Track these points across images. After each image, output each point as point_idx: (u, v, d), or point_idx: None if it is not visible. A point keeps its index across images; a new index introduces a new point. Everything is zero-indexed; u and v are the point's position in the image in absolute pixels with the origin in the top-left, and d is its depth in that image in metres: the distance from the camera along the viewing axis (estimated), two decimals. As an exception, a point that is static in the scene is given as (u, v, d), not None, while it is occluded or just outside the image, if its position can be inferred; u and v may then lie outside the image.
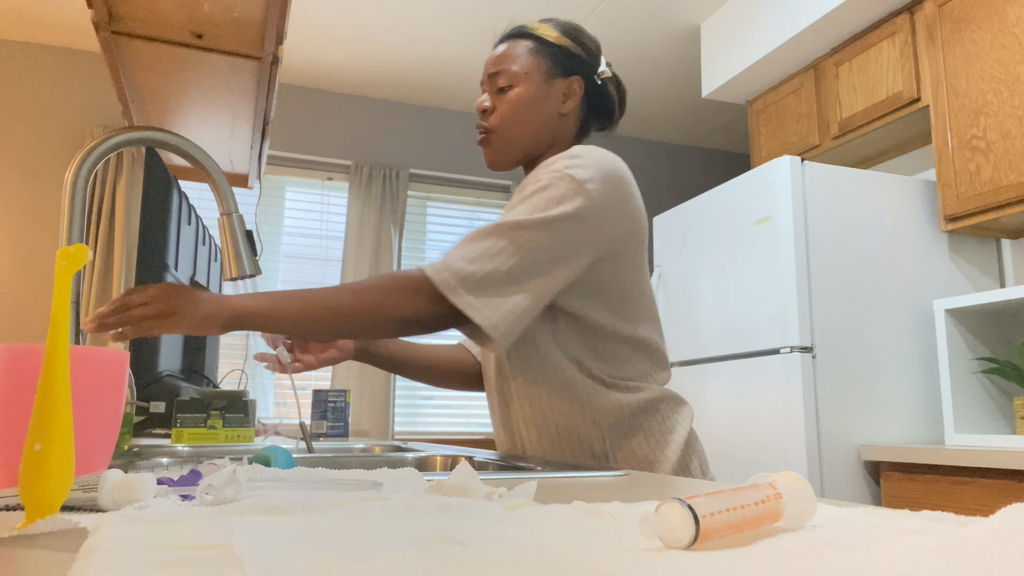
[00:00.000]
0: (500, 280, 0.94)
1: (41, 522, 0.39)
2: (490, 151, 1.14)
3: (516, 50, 1.13)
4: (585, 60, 1.14)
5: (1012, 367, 2.10)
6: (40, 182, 3.35)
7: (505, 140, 1.13)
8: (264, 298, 0.92)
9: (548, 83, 1.12)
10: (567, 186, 0.99)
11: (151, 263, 1.53)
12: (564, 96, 1.13)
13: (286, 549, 0.32)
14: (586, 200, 0.99)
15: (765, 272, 2.31)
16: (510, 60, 1.12)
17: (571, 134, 1.16)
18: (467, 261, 0.95)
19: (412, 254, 3.93)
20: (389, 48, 3.47)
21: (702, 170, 4.54)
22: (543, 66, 1.12)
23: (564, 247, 0.97)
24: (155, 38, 1.42)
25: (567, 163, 1.02)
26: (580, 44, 1.14)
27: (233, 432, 1.37)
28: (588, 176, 1.01)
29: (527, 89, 1.11)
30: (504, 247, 0.95)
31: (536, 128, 1.12)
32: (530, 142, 1.13)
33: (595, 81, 1.15)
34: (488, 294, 0.93)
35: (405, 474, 0.59)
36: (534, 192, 1.00)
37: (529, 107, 1.11)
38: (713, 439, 2.48)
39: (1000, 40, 2.11)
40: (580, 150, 1.06)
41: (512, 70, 1.11)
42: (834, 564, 0.31)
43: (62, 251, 0.44)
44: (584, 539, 0.36)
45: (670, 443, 1.06)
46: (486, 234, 0.97)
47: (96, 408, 0.54)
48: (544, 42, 1.12)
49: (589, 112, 1.18)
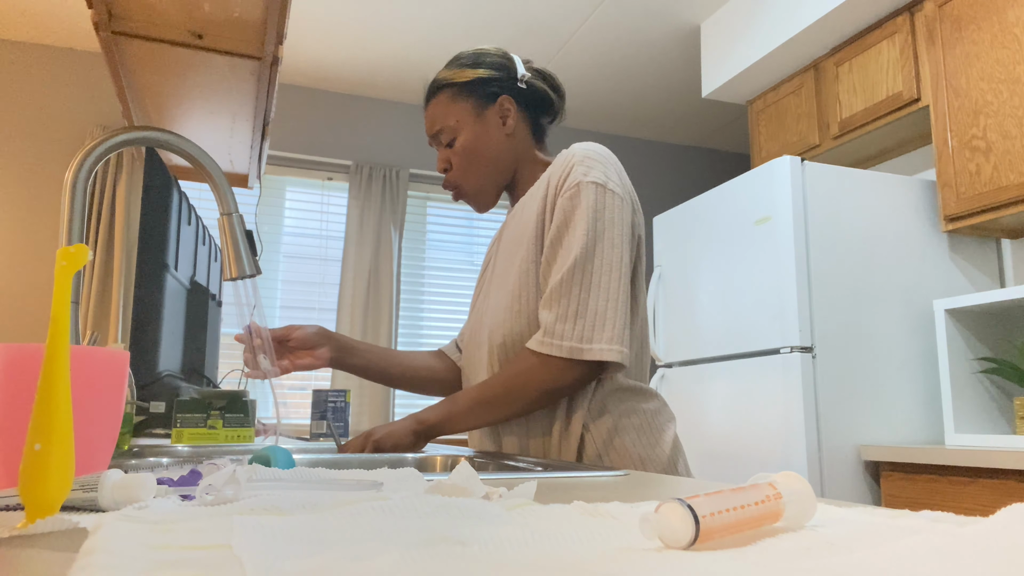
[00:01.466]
0: (600, 311, 1.01)
1: (41, 522, 0.39)
2: (469, 201, 1.21)
3: (441, 106, 1.18)
4: (501, 77, 1.18)
5: (1012, 367, 2.10)
6: (40, 182, 3.35)
7: (475, 187, 1.19)
8: (442, 410, 1.09)
9: (481, 118, 1.16)
10: (594, 194, 1.05)
11: (151, 263, 1.53)
12: (502, 119, 1.17)
13: (286, 549, 0.32)
14: (614, 198, 1.06)
15: (765, 272, 2.31)
16: (441, 117, 1.17)
17: (528, 144, 1.21)
18: (571, 318, 1.01)
19: (412, 254, 3.93)
20: (389, 48, 3.47)
21: (702, 170, 4.54)
22: (469, 105, 1.16)
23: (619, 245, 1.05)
24: (155, 38, 1.42)
25: (581, 170, 1.07)
26: (488, 66, 1.18)
27: (233, 432, 1.37)
28: (605, 176, 1.07)
29: (467, 134, 1.16)
30: (581, 280, 1.02)
31: (494, 161, 1.18)
32: (497, 175, 1.19)
33: (521, 88, 1.19)
34: (604, 332, 1.00)
35: (405, 474, 0.59)
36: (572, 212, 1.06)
37: (478, 148, 1.16)
38: (713, 439, 2.48)
39: (1000, 40, 2.11)
40: (581, 152, 1.09)
41: (447, 124, 1.17)
42: (834, 564, 0.31)
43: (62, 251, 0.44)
44: (584, 539, 0.36)
45: (660, 442, 1.09)
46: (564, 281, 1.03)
47: (96, 408, 0.54)
48: (458, 84, 1.17)
49: (533, 114, 1.22)
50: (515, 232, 1.15)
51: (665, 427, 1.11)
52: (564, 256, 1.04)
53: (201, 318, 1.98)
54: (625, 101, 3.99)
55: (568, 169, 1.08)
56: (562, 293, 1.02)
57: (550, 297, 1.03)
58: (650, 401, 1.12)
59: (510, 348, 1.10)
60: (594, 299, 1.01)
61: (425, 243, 3.97)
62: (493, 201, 1.21)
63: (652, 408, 1.11)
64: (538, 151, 1.22)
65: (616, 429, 1.07)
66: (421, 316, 3.89)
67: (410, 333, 3.85)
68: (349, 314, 3.63)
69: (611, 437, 1.07)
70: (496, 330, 1.11)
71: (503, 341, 1.10)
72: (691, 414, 2.60)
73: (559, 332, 1.01)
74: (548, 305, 1.03)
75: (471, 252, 4.04)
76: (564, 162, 1.10)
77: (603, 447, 1.06)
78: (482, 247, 4.05)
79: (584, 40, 3.39)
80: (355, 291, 3.66)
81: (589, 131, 4.35)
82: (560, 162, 1.11)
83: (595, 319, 1.01)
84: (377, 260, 3.73)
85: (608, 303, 1.01)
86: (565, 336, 1.00)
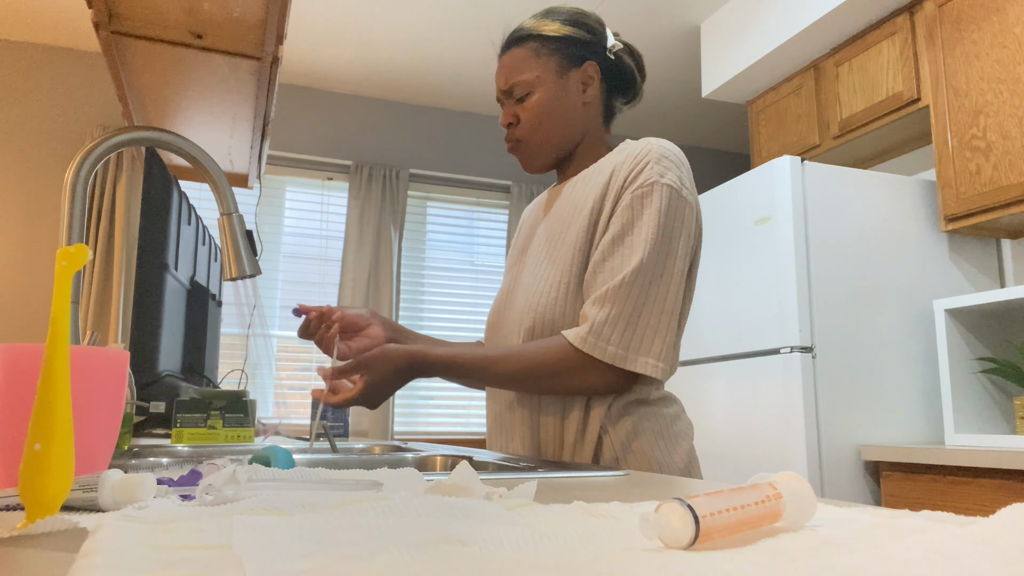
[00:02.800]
0: (652, 323, 0.97)
1: (41, 522, 0.39)
2: (524, 158, 1.13)
3: (522, 56, 1.10)
4: (593, 42, 1.11)
5: (1012, 367, 2.10)
6: (40, 182, 3.35)
7: (537, 145, 1.11)
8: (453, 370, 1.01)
9: (563, 79, 1.09)
10: (668, 199, 1.00)
11: (151, 263, 1.53)
12: (583, 85, 1.11)
13: (286, 549, 0.32)
14: (685, 206, 1.01)
15: (765, 272, 2.31)
16: (519, 69, 1.10)
17: (598, 120, 1.15)
18: (622, 322, 0.96)
19: (412, 254, 3.93)
20: (389, 48, 3.47)
21: (702, 170, 4.54)
22: (553, 63, 1.09)
23: (682, 256, 1.01)
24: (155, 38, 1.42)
25: (658, 170, 1.01)
26: (584, 27, 1.11)
27: (233, 432, 1.37)
28: (680, 181, 1.02)
29: (545, 92, 1.09)
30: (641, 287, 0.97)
31: (565, 126, 1.11)
32: (562, 141, 1.12)
33: (608, 58, 1.12)
34: (652, 345, 0.96)
35: (405, 474, 0.59)
36: (642, 212, 1.00)
37: (552, 109, 1.09)
38: (713, 439, 2.48)
39: (1000, 40, 2.11)
40: (658, 150, 1.04)
41: (525, 78, 1.09)
42: (834, 564, 0.31)
43: (62, 251, 0.44)
44: (584, 539, 0.36)
45: (677, 449, 1.05)
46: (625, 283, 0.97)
47: (96, 408, 0.54)
48: (547, 39, 1.09)
49: (610, 90, 1.15)
50: (564, 214, 1.09)
51: (683, 435, 1.07)
52: (627, 256, 0.98)
53: (201, 318, 1.98)
54: (625, 101, 3.99)
55: (642, 164, 1.02)
56: (619, 295, 0.96)
57: (605, 296, 0.97)
58: (670, 406, 1.08)
59: (538, 334, 1.05)
60: (648, 309, 0.97)
61: (425, 243, 3.97)
62: (547, 166, 1.14)
63: (671, 413, 1.07)
64: (604, 133, 1.16)
65: (635, 432, 1.03)
66: (421, 316, 3.89)
67: (410, 333, 3.85)
68: (349, 314, 3.63)
69: (629, 441, 1.02)
70: (527, 313, 1.07)
71: (532, 325, 1.06)
72: (691, 414, 2.60)
73: (606, 335, 0.96)
74: (601, 303, 0.97)
75: (471, 252, 4.04)
76: (636, 154, 1.04)
77: (621, 451, 1.02)
78: (482, 247, 4.05)
79: (584, 40, 3.39)
80: (355, 291, 3.66)
81: (589, 131, 4.35)
82: (631, 153, 1.05)
83: (646, 330, 0.96)
84: (377, 260, 3.73)
85: (662, 316, 0.97)
86: (612, 341, 0.95)
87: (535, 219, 1.20)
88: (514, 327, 1.10)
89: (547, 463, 0.94)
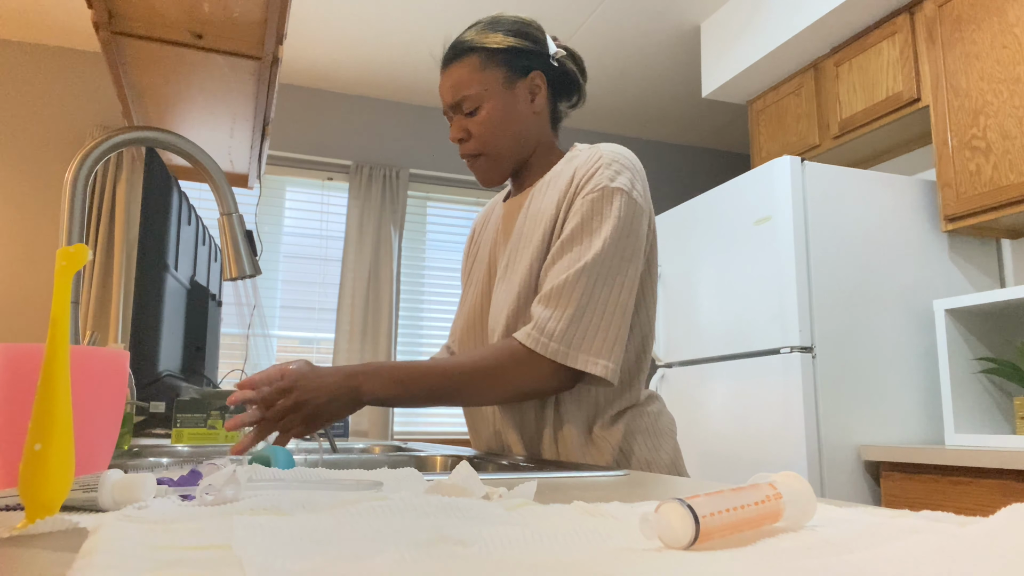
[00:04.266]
0: (596, 322, 0.97)
1: (41, 522, 0.39)
2: (481, 173, 1.13)
3: (467, 70, 1.08)
4: (537, 51, 1.10)
5: (1012, 367, 2.10)
6: (40, 182, 3.35)
7: (493, 159, 1.11)
8: (393, 385, 0.95)
9: (511, 90, 1.09)
10: (618, 202, 1.00)
11: (151, 263, 1.53)
12: (531, 95, 1.10)
13: (286, 549, 0.32)
14: (636, 209, 1.02)
15: (765, 272, 2.31)
16: (466, 83, 1.08)
17: (547, 128, 1.15)
18: (565, 320, 0.96)
19: (412, 254, 3.93)
20: (389, 48, 3.47)
21: (702, 170, 4.54)
22: (500, 75, 1.08)
23: (631, 258, 1.00)
24: (155, 38, 1.42)
25: (608, 174, 1.02)
26: (527, 37, 1.10)
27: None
28: (631, 184, 1.02)
29: (494, 105, 1.08)
30: (585, 286, 0.97)
31: (518, 138, 1.10)
32: (517, 153, 1.12)
33: (553, 66, 1.12)
34: (594, 343, 0.96)
35: (405, 474, 0.59)
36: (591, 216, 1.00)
37: (503, 121, 1.08)
38: (713, 439, 2.48)
39: (1000, 40, 2.11)
40: (609, 155, 1.04)
41: (472, 92, 1.07)
42: (834, 564, 0.31)
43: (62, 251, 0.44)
44: (584, 539, 0.36)
45: (663, 445, 1.07)
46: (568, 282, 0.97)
47: (96, 408, 0.54)
48: (492, 51, 1.08)
49: (556, 96, 1.15)
50: (528, 227, 1.09)
51: (667, 431, 1.09)
52: (574, 257, 0.99)
53: (201, 318, 1.98)
54: (625, 101, 3.99)
55: (593, 169, 1.03)
56: (563, 293, 0.97)
57: (549, 295, 0.98)
58: (653, 403, 1.10)
59: None
60: (592, 309, 0.97)
61: (425, 243, 3.97)
62: (504, 178, 1.14)
63: (654, 410, 1.10)
64: (554, 140, 1.17)
65: (628, 433, 1.05)
66: (421, 316, 3.89)
67: (410, 333, 3.85)
68: (349, 314, 3.63)
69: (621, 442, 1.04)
70: (497, 327, 1.08)
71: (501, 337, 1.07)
72: (691, 414, 2.60)
73: (549, 331, 0.96)
74: (545, 301, 0.98)
75: (471, 252, 4.03)
76: (589, 160, 1.04)
77: (619, 455, 1.04)
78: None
79: (584, 40, 3.39)
80: (355, 291, 3.66)
81: (589, 131, 4.35)
82: (584, 159, 1.06)
83: (588, 329, 0.96)
84: (377, 260, 3.73)
85: (605, 316, 0.97)
86: (555, 337, 0.95)
87: (494, 233, 1.19)
88: (488, 340, 1.11)
89: (547, 463, 0.94)
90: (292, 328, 3.70)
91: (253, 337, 3.58)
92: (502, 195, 1.26)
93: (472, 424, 1.21)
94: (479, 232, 1.27)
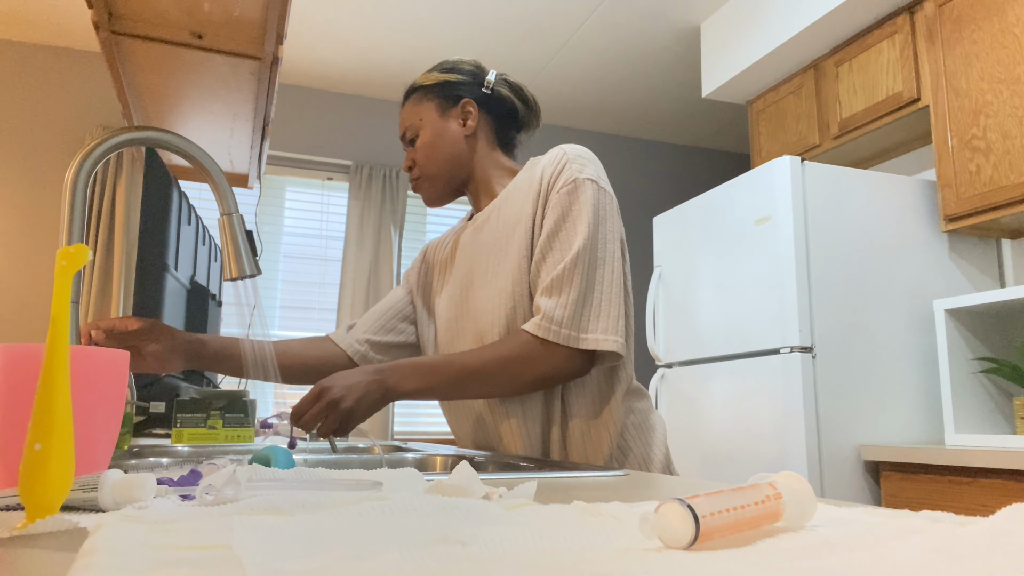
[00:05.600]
0: (599, 302, 1.03)
1: (41, 522, 0.39)
2: (424, 193, 1.24)
3: (411, 106, 1.24)
4: (468, 82, 1.23)
5: (1012, 367, 2.10)
6: (40, 182, 3.35)
7: (430, 179, 1.22)
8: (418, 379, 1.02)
9: (444, 118, 1.22)
10: (591, 191, 1.07)
11: (151, 263, 1.53)
12: (462, 120, 1.22)
13: (286, 549, 0.32)
14: (606, 196, 1.09)
15: (765, 272, 2.31)
16: (408, 117, 1.23)
17: (489, 149, 1.24)
18: (571, 306, 1.02)
19: (412, 254, 3.93)
20: (389, 48, 3.47)
21: (702, 170, 4.54)
22: (433, 106, 1.22)
23: (614, 240, 1.08)
24: (155, 38, 1.42)
25: (576, 167, 1.09)
26: (458, 71, 1.23)
27: (233, 432, 1.37)
28: (597, 175, 1.10)
29: (429, 132, 1.21)
30: (582, 271, 1.03)
31: (451, 158, 1.21)
32: (452, 172, 1.22)
33: (485, 94, 1.23)
34: (600, 322, 1.02)
35: (405, 474, 0.59)
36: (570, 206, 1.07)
37: (436, 145, 1.21)
38: (713, 439, 2.48)
39: (1000, 40, 2.11)
40: (572, 151, 1.12)
41: (412, 123, 1.22)
42: (834, 564, 0.31)
43: (62, 251, 0.44)
44: (584, 539, 0.36)
45: (654, 441, 1.11)
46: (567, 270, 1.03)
47: (96, 408, 0.54)
48: (427, 87, 1.23)
49: (499, 121, 1.25)
50: (500, 233, 1.15)
51: (657, 426, 1.14)
52: (564, 247, 1.05)
53: (201, 318, 1.98)
54: (625, 101, 3.99)
55: (561, 165, 1.10)
56: (563, 282, 1.03)
57: (551, 285, 1.03)
58: (641, 400, 1.15)
59: None
60: (592, 291, 1.03)
61: (425, 243, 3.97)
62: (446, 197, 1.24)
63: (644, 407, 1.14)
64: (503, 159, 1.25)
65: (621, 429, 1.08)
66: (421, 316, 3.89)
67: (410, 333, 3.85)
68: (349, 314, 3.63)
69: (618, 438, 1.08)
70: (492, 328, 1.10)
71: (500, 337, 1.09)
72: (691, 414, 2.60)
73: (558, 318, 1.01)
74: (548, 292, 1.03)
75: (471, 252, 4.04)
76: (555, 160, 1.11)
77: (613, 447, 1.07)
78: (482, 247, 4.05)
79: (584, 40, 3.39)
80: (355, 291, 3.66)
81: (589, 131, 4.35)
82: (549, 160, 1.13)
83: (592, 310, 1.02)
84: (377, 260, 3.73)
85: (604, 295, 1.03)
86: (564, 323, 1.01)
87: (448, 253, 1.26)
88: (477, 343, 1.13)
89: (547, 463, 0.94)
90: (292, 328, 3.70)
91: (253, 337, 3.58)
92: (461, 222, 1.32)
93: (453, 417, 1.22)
94: (434, 259, 1.33)
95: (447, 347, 1.22)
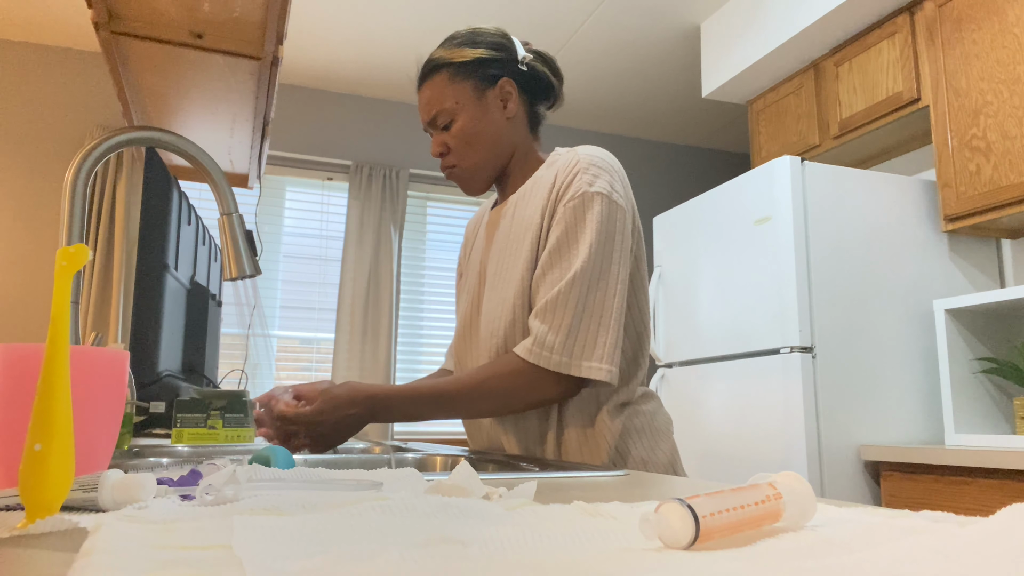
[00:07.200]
0: (593, 328, 1.00)
1: (41, 522, 0.39)
2: (462, 183, 1.16)
3: (438, 87, 1.12)
4: (503, 58, 1.13)
5: (1012, 367, 2.10)
6: (40, 182, 3.35)
7: (472, 169, 1.14)
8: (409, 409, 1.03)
9: (482, 99, 1.12)
10: (599, 207, 1.03)
11: (151, 263, 1.53)
12: (503, 102, 1.13)
13: (286, 549, 0.32)
14: (618, 211, 1.04)
15: (765, 272, 2.31)
16: (439, 99, 1.12)
17: (526, 131, 1.17)
18: (563, 331, 0.99)
19: (412, 254, 3.93)
20: (389, 48, 3.47)
21: (702, 170, 4.54)
22: (469, 87, 1.11)
23: (619, 260, 1.03)
24: (155, 38, 1.42)
25: (587, 179, 1.04)
26: (491, 46, 1.13)
27: (233, 432, 1.37)
28: (610, 186, 1.04)
29: (467, 116, 1.11)
30: (578, 295, 1.00)
31: (494, 146, 1.13)
32: (495, 160, 1.14)
33: (522, 70, 1.14)
34: (594, 350, 0.99)
35: (405, 474, 0.59)
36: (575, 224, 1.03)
37: (478, 131, 1.11)
38: (713, 439, 2.48)
39: (1000, 40, 2.11)
40: (586, 159, 1.06)
41: (445, 107, 1.11)
42: (834, 564, 0.31)
43: (62, 251, 0.44)
44: (584, 539, 0.36)
45: (660, 445, 1.08)
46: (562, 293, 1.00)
47: (96, 408, 0.54)
48: (459, 65, 1.12)
49: (531, 99, 1.17)
50: (512, 235, 1.12)
51: (664, 430, 1.10)
52: (563, 268, 1.02)
53: (201, 318, 1.98)
54: (625, 101, 3.99)
55: (572, 175, 1.05)
56: (557, 305, 1.00)
57: (544, 308, 1.01)
58: (648, 402, 1.12)
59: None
60: (587, 316, 1.00)
61: (425, 243, 3.97)
62: (487, 186, 1.17)
63: (650, 410, 1.11)
64: (535, 146, 1.19)
65: (624, 433, 1.06)
66: (421, 316, 3.89)
67: (410, 333, 3.86)
68: (349, 314, 3.63)
69: (618, 441, 1.06)
70: (491, 339, 1.09)
71: (498, 351, 1.09)
72: (691, 414, 2.60)
73: (549, 344, 0.99)
74: (542, 316, 1.01)
75: (471, 252, 4.03)
76: (567, 165, 1.07)
77: (612, 451, 1.06)
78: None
79: (584, 40, 3.39)
80: (355, 291, 3.66)
81: (589, 131, 4.35)
82: (563, 165, 1.08)
83: (587, 336, 0.99)
84: (377, 260, 3.73)
85: (601, 321, 1.00)
86: (555, 349, 0.99)
87: (483, 240, 1.22)
88: (483, 354, 1.12)
89: (547, 463, 0.94)
90: (292, 328, 3.70)
91: (253, 337, 3.58)
92: (491, 201, 1.27)
93: (468, 426, 1.23)
94: (471, 243, 1.29)
95: (460, 344, 1.20)
